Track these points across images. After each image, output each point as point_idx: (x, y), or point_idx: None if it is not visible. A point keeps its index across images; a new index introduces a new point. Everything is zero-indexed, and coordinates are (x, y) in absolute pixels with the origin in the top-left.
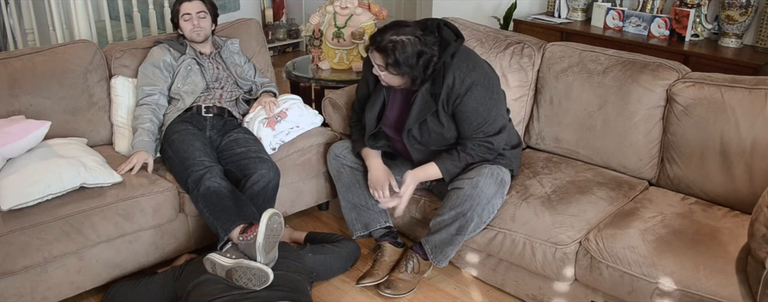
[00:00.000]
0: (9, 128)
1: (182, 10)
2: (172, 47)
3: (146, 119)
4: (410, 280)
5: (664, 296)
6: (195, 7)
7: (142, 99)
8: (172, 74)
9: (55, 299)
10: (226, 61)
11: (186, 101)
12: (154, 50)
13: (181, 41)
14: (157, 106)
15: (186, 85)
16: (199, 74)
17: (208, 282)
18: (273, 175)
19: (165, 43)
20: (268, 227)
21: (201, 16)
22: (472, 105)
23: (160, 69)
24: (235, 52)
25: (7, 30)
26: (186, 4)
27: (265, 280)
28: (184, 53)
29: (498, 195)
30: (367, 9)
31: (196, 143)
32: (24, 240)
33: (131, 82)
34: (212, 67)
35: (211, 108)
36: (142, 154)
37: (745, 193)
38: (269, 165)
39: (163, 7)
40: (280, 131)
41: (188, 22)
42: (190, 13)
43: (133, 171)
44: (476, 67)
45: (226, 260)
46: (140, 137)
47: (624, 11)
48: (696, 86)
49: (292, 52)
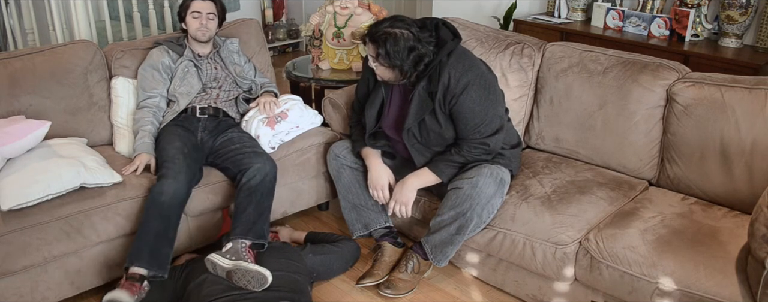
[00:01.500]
0: (9, 128)
1: (192, 7)
2: (171, 49)
3: (147, 122)
4: (410, 280)
5: (664, 296)
6: (206, 7)
7: (143, 101)
8: (170, 76)
9: (55, 299)
10: (225, 61)
11: (181, 103)
12: (153, 52)
13: (180, 42)
14: (157, 109)
15: (182, 87)
16: (195, 76)
17: (209, 282)
18: (270, 168)
19: (164, 44)
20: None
21: (210, 17)
22: (468, 105)
23: (159, 71)
24: (235, 52)
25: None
26: (198, 2)
27: (264, 282)
28: (182, 55)
29: (497, 194)
30: (367, 9)
31: (176, 144)
32: (24, 240)
33: (131, 83)
34: (210, 67)
35: (206, 109)
36: (144, 156)
37: (745, 193)
38: (265, 158)
39: (163, 7)
40: (280, 131)
41: (196, 20)
42: (200, 12)
43: (137, 172)
44: (472, 67)
45: (225, 261)
46: (142, 139)
47: (624, 11)
48: (696, 86)
49: (292, 52)
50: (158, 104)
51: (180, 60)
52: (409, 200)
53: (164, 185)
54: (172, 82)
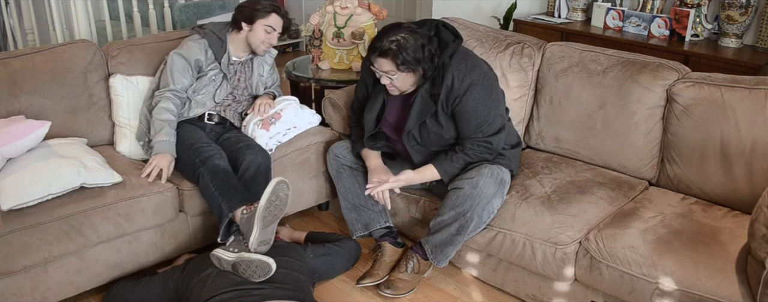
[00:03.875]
0: (9, 128)
1: (269, 21)
2: (211, 48)
3: (172, 115)
4: (410, 280)
5: (664, 296)
6: (281, 25)
7: (168, 90)
8: (197, 74)
9: (55, 299)
10: (253, 71)
11: (193, 110)
12: (192, 45)
13: (222, 38)
14: (180, 101)
15: (200, 95)
16: (217, 88)
17: (214, 275)
18: (262, 159)
19: (206, 39)
20: (274, 193)
21: (278, 35)
22: (471, 105)
23: (191, 67)
24: (268, 64)
25: (7, 30)
26: (275, 18)
27: (268, 270)
28: (218, 59)
29: (498, 195)
30: (367, 9)
31: (200, 133)
32: (24, 240)
33: (130, 81)
34: (234, 78)
35: (213, 116)
36: (164, 159)
37: (745, 193)
38: (256, 149)
39: (163, 7)
40: (276, 133)
41: (268, 34)
42: (274, 29)
43: (150, 178)
44: (475, 68)
45: (229, 254)
46: (161, 137)
47: (624, 11)
48: (696, 86)
49: (292, 52)
50: (181, 96)
51: (213, 65)
52: (395, 187)
53: (215, 159)
54: (195, 82)
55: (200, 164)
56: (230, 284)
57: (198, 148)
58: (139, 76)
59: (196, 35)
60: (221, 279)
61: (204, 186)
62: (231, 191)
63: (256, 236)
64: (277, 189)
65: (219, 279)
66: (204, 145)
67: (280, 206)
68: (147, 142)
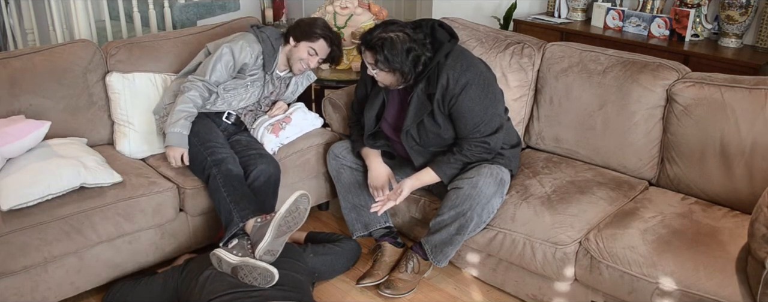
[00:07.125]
0: (9, 128)
1: (315, 44)
2: (264, 57)
3: (194, 103)
4: (410, 280)
5: (664, 296)
6: (326, 52)
7: (202, 78)
8: (236, 74)
9: (55, 299)
10: (287, 87)
11: (217, 105)
12: (247, 48)
13: (274, 54)
14: (209, 93)
15: (230, 94)
16: (249, 94)
17: (213, 277)
18: (273, 170)
19: (262, 47)
20: (294, 204)
21: (319, 61)
22: (467, 104)
23: (235, 66)
24: (303, 86)
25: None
26: (323, 44)
27: (271, 279)
28: (265, 69)
29: (497, 194)
30: (367, 9)
31: (217, 131)
32: (24, 240)
33: (127, 78)
34: (268, 89)
35: (231, 116)
36: (178, 152)
37: (745, 193)
38: (268, 160)
39: (163, 7)
40: (285, 137)
41: (310, 57)
42: (317, 53)
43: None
44: (470, 67)
45: (232, 257)
46: (175, 128)
47: (624, 11)
48: (696, 86)
49: None
50: (212, 90)
51: (257, 72)
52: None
53: (229, 164)
54: (231, 80)
55: (212, 164)
56: (228, 286)
57: (212, 147)
58: (135, 73)
59: (252, 37)
60: (219, 281)
61: (214, 188)
62: (243, 199)
63: (266, 244)
64: (298, 201)
65: (217, 282)
66: (218, 146)
67: (297, 219)
68: (162, 117)
